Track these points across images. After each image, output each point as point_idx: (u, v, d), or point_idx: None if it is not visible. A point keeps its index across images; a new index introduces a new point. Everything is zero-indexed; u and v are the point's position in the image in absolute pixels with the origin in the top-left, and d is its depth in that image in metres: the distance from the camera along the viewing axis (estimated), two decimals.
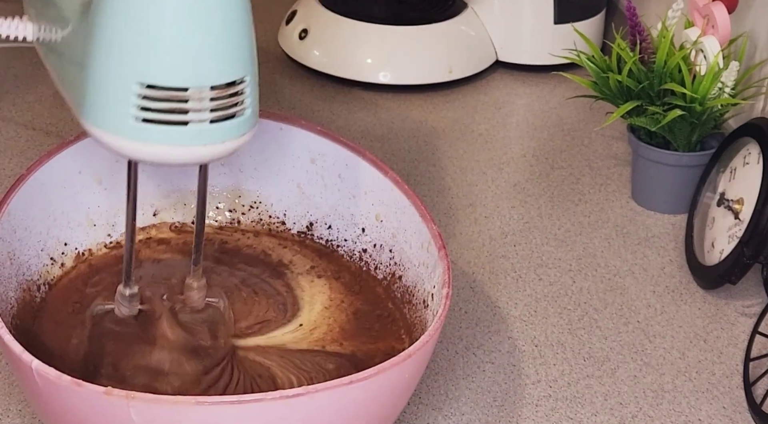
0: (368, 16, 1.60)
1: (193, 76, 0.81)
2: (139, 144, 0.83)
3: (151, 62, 0.80)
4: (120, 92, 0.81)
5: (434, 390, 1.04)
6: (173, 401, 0.80)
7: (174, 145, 0.83)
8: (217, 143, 0.84)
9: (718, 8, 1.23)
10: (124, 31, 0.81)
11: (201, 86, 0.81)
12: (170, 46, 0.80)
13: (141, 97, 0.81)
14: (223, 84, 0.82)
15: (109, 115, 0.83)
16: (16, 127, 1.46)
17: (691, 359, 1.09)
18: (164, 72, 0.81)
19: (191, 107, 0.81)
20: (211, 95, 0.82)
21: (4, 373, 1.04)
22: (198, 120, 0.82)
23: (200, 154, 0.84)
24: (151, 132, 0.82)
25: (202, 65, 0.81)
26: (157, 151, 0.83)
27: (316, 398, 0.81)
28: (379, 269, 1.08)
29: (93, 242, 1.10)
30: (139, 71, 0.81)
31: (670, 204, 1.31)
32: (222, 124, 0.83)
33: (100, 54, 0.82)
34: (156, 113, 0.81)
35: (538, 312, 1.15)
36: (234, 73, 0.83)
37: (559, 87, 1.59)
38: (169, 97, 0.81)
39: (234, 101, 0.83)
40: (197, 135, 0.83)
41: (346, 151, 1.09)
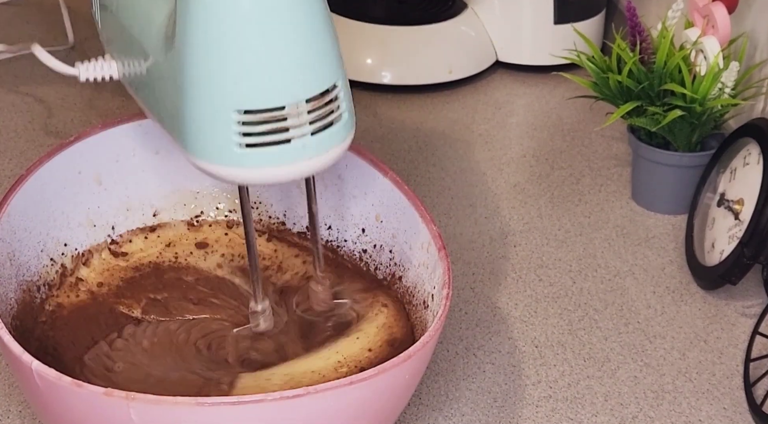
0: (368, 16, 1.60)
1: (288, 93, 0.82)
2: (247, 170, 0.83)
3: (244, 88, 0.81)
4: (219, 122, 0.82)
5: (434, 391, 1.04)
6: (173, 401, 0.80)
7: (281, 164, 0.84)
8: (321, 154, 0.85)
9: (718, 8, 1.22)
10: (211, 62, 0.81)
11: (297, 101, 0.82)
12: (259, 68, 0.81)
13: (241, 124, 0.82)
14: (318, 94, 0.83)
15: (212, 146, 0.83)
16: (16, 127, 1.45)
17: (691, 360, 1.09)
18: (258, 95, 0.82)
19: (291, 124, 0.82)
20: (308, 108, 0.83)
21: (4, 374, 1.04)
22: (300, 135, 0.83)
23: (307, 167, 0.85)
24: (257, 156, 0.83)
25: (293, 80, 0.82)
26: (264, 173, 0.84)
27: (316, 398, 0.81)
28: (379, 270, 1.08)
29: (93, 243, 1.10)
30: (233, 99, 0.81)
31: (670, 204, 1.31)
32: (323, 133, 0.84)
33: (192, 88, 0.83)
34: (258, 137, 0.82)
35: (538, 313, 1.15)
36: (326, 81, 0.84)
37: (559, 87, 1.59)
38: (268, 119, 0.82)
39: (330, 109, 0.84)
40: (301, 150, 0.84)
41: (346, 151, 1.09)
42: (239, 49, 0.81)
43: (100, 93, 1.54)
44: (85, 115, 1.49)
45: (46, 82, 1.56)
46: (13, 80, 1.57)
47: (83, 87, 1.55)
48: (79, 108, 1.51)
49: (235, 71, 0.81)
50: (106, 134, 1.10)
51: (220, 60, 0.81)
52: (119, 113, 1.48)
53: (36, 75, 1.58)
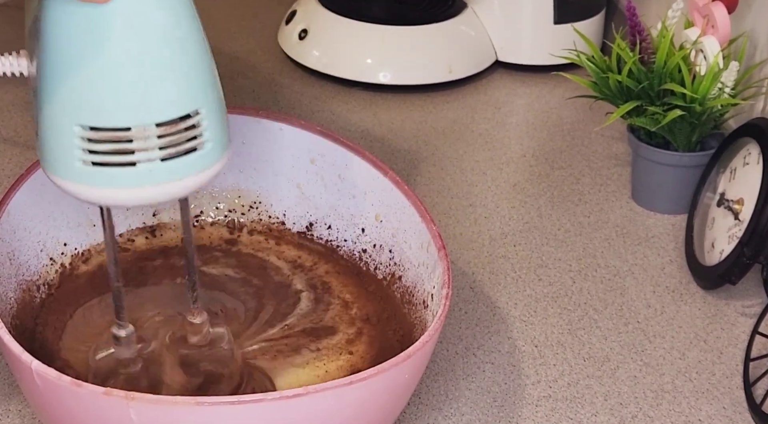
0: (368, 16, 1.60)
1: (135, 115, 0.77)
2: (92, 189, 0.79)
3: (90, 104, 0.77)
4: (64, 136, 0.78)
5: (434, 390, 1.04)
6: (173, 401, 0.80)
7: (124, 187, 0.79)
8: (173, 181, 0.80)
9: (718, 8, 1.22)
10: (59, 73, 0.77)
11: (144, 124, 0.77)
12: (106, 85, 0.76)
13: (86, 140, 0.77)
14: (171, 120, 0.78)
15: (59, 160, 0.79)
16: (16, 127, 1.45)
17: (691, 360, 1.09)
18: (104, 113, 0.77)
19: (137, 147, 0.77)
20: (158, 133, 0.77)
21: (4, 373, 1.04)
22: (146, 159, 0.78)
23: (155, 194, 0.80)
24: (102, 175, 0.78)
25: (143, 102, 0.77)
26: (109, 194, 0.79)
27: (316, 398, 0.81)
28: (378, 269, 1.08)
29: (92, 243, 1.10)
30: (79, 114, 0.77)
31: (670, 204, 1.31)
32: (176, 161, 0.79)
33: (42, 98, 0.79)
34: (103, 156, 0.78)
35: (537, 312, 1.15)
36: (183, 107, 0.78)
37: (559, 87, 1.59)
38: (112, 138, 0.77)
39: (188, 136, 0.79)
40: (148, 175, 0.78)
41: (346, 151, 1.09)
42: (88, 62, 0.76)
43: None
44: None
45: None
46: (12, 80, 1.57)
47: None
48: None
49: (82, 86, 0.76)
50: None
51: (68, 71, 0.77)
52: None
53: None
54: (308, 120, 1.31)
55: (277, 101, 1.55)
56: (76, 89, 0.77)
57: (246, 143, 1.13)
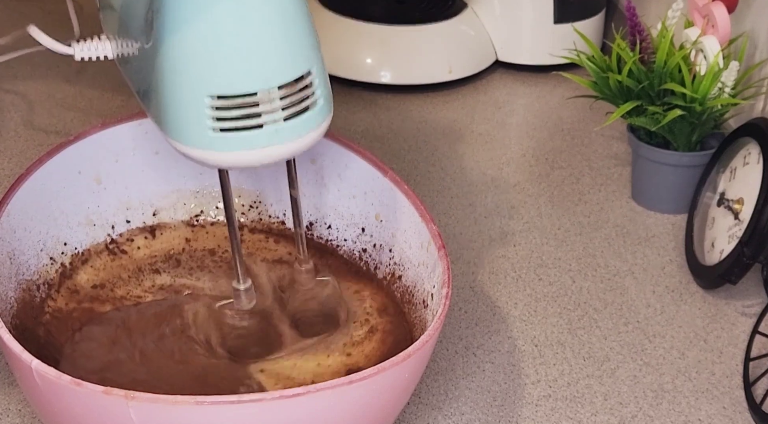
0: (368, 16, 1.60)
1: (259, 80, 0.83)
2: (220, 153, 0.84)
3: (217, 73, 0.82)
4: (193, 107, 0.83)
5: (434, 390, 1.04)
6: (172, 400, 0.80)
7: (253, 149, 0.84)
8: (295, 139, 0.85)
9: (718, 8, 1.22)
10: (185, 48, 0.82)
11: (269, 88, 0.83)
12: (231, 54, 0.82)
13: (214, 109, 0.83)
14: (290, 81, 0.84)
15: (188, 130, 0.84)
16: (16, 127, 1.46)
17: (691, 359, 1.09)
18: (231, 81, 0.82)
19: (263, 110, 0.83)
20: (281, 94, 0.83)
21: (4, 373, 1.04)
22: (272, 121, 0.84)
23: (280, 152, 0.85)
24: (230, 140, 0.84)
25: (265, 67, 0.83)
26: (238, 157, 0.85)
27: (316, 397, 0.81)
28: (378, 269, 1.08)
29: (92, 242, 1.10)
30: (207, 84, 0.82)
31: (670, 204, 1.31)
32: (297, 119, 0.85)
33: (167, 73, 0.84)
34: (231, 121, 0.83)
35: (537, 312, 1.15)
36: (299, 68, 0.84)
37: (559, 87, 1.59)
38: (240, 105, 0.83)
39: (304, 95, 0.85)
40: (274, 135, 0.84)
41: (346, 151, 1.09)
42: (211, 35, 0.82)
43: (100, 93, 1.55)
44: (85, 115, 1.49)
45: (46, 82, 1.56)
46: (13, 80, 1.57)
47: (84, 87, 1.55)
48: (79, 108, 1.51)
49: (207, 57, 0.82)
50: (106, 134, 1.10)
51: (194, 46, 0.82)
52: (119, 113, 1.48)
53: (36, 75, 1.58)
54: None
55: None
56: (203, 62, 0.82)
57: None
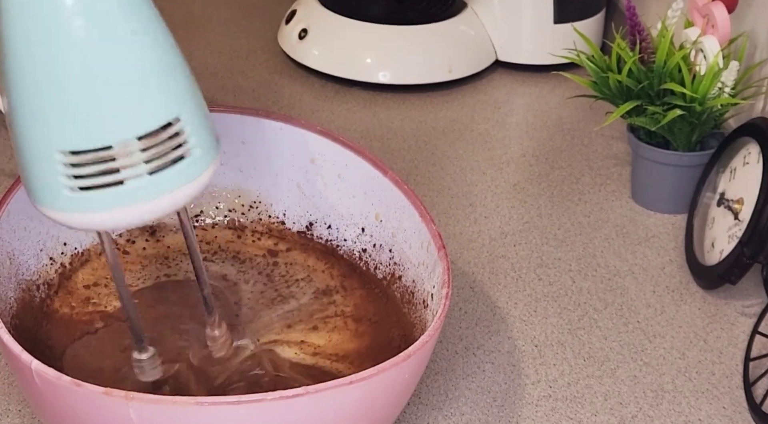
0: (368, 16, 1.60)
1: (114, 131, 0.74)
2: (81, 215, 0.76)
3: (67, 127, 0.73)
4: (46, 165, 0.75)
5: (434, 390, 1.04)
6: (172, 401, 0.80)
7: (116, 207, 0.76)
8: (165, 194, 0.77)
9: (718, 8, 1.22)
10: (30, 101, 0.74)
11: (125, 140, 0.74)
12: (79, 106, 0.73)
13: (68, 166, 0.74)
14: (153, 131, 0.75)
15: (45, 190, 0.76)
16: None
17: (691, 359, 1.09)
18: (82, 135, 0.74)
19: (121, 164, 0.74)
20: (141, 146, 0.74)
21: (4, 373, 1.04)
22: (134, 176, 0.75)
23: (149, 209, 0.77)
24: (90, 199, 0.75)
25: (120, 117, 0.74)
26: (101, 218, 0.76)
27: (316, 398, 0.81)
28: (378, 269, 1.08)
29: (92, 242, 1.10)
30: (57, 139, 0.74)
31: (670, 204, 1.31)
32: (165, 172, 0.76)
33: (18, 130, 0.76)
34: (88, 179, 0.74)
35: (537, 312, 1.15)
36: (162, 116, 0.75)
37: (559, 87, 1.59)
38: (95, 159, 0.74)
39: (173, 144, 0.76)
40: (138, 191, 0.75)
41: (345, 151, 1.09)
42: (60, 85, 0.72)
43: None
44: None
45: None
46: None
47: None
48: None
49: (54, 110, 0.73)
50: None
51: (39, 97, 0.73)
52: None
53: None
54: (308, 120, 1.31)
55: (277, 101, 1.55)
56: (49, 115, 0.73)
57: (246, 143, 1.13)
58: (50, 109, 0.73)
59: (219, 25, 1.77)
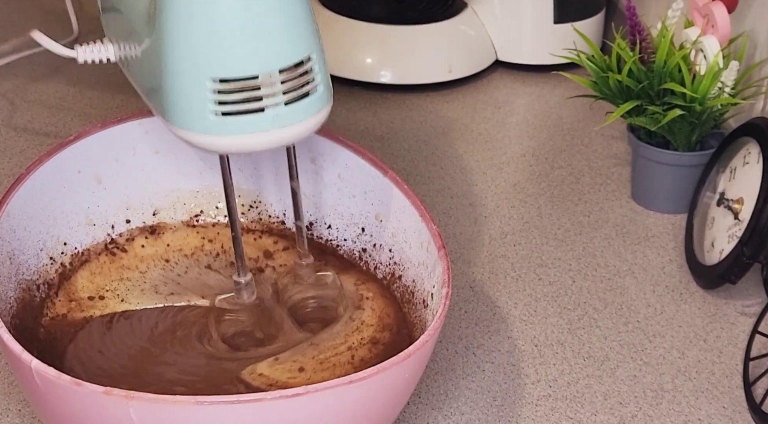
0: (368, 16, 1.60)
1: (261, 63, 0.84)
2: (222, 137, 0.86)
3: (218, 57, 0.83)
4: (195, 91, 0.84)
5: (434, 390, 1.04)
6: (172, 400, 0.80)
7: (255, 133, 0.86)
8: (295, 123, 0.87)
9: (718, 8, 1.22)
10: (187, 34, 0.83)
11: (270, 71, 0.84)
12: (232, 38, 0.83)
13: (216, 93, 0.84)
14: (291, 65, 0.85)
15: (190, 115, 0.85)
16: (16, 127, 1.46)
17: (690, 359, 1.09)
18: (232, 64, 0.83)
19: (264, 93, 0.84)
20: (282, 78, 0.84)
21: (4, 373, 1.04)
22: (273, 104, 0.85)
23: (280, 137, 0.87)
24: (232, 124, 0.85)
25: (267, 51, 0.84)
26: (239, 141, 0.86)
27: (316, 397, 0.81)
28: (378, 269, 1.08)
29: (92, 242, 1.10)
30: (208, 68, 0.83)
31: (670, 204, 1.31)
32: (297, 104, 0.86)
33: (170, 59, 0.85)
34: (233, 105, 0.84)
35: (537, 312, 1.15)
36: (300, 53, 0.85)
37: (559, 87, 1.59)
38: (242, 88, 0.84)
39: (305, 80, 0.86)
40: (275, 119, 0.85)
41: (346, 151, 1.09)
42: (213, 19, 0.82)
43: (100, 93, 1.55)
44: (85, 114, 1.49)
45: (46, 82, 1.56)
46: (13, 80, 1.57)
47: (83, 86, 1.55)
48: (79, 107, 1.51)
49: (209, 41, 0.83)
50: (105, 133, 1.10)
51: (195, 30, 0.83)
52: (119, 112, 1.48)
53: (36, 74, 1.58)
54: None
55: None
56: (205, 46, 0.83)
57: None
58: (206, 41, 0.83)
59: None
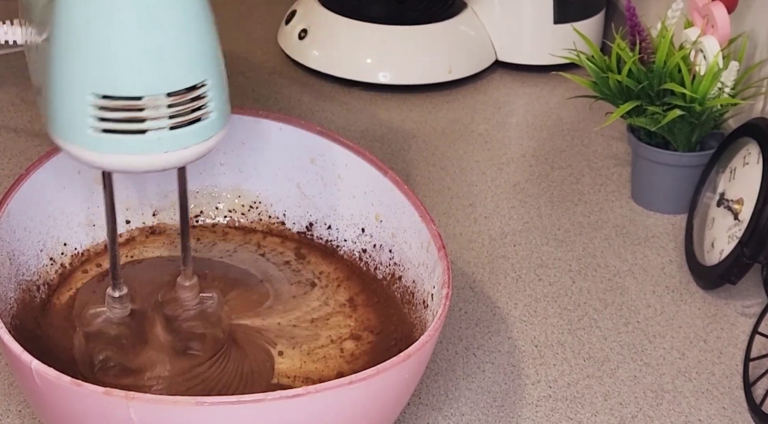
0: (368, 16, 1.60)
1: (147, 84, 0.80)
2: (101, 154, 0.83)
3: (105, 72, 0.80)
4: (77, 103, 0.81)
5: (434, 390, 1.04)
6: (173, 401, 0.80)
7: (134, 153, 0.82)
8: (179, 149, 0.83)
9: (718, 8, 1.22)
10: (76, 43, 0.80)
11: (156, 94, 0.80)
12: (121, 55, 0.79)
13: (97, 108, 0.80)
14: (181, 90, 0.81)
15: (69, 126, 0.82)
16: (16, 127, 1.45)
17: (691, 360, 1.09)
18: (117, 82, 0.80)
19: (148, 115, 0.81)
20: (168, 102, 0.81)
21: (4, 373, 1.04)
22: (156, 127, 0.81)
23: (162, 161, 0.83)
24: (111, 142, 0.82)
25: (155, 72, 0.80)
26: (117, 160, 0.83)
27: (316, 398, 0.81)
28: (378, 270, 1.08)
29: (92, 242, 1.10)
30: (93, 82, 0.80)
31: (670, 204, 1.31)
32: (184, 130, 0.82)
33: (56, 65, 0.82)
34: (113, 123, 0.81)
35: (537, 312, 1.15)
36: (192, 77, 0.82)
37: (559, 87, 1.59)
38: (124, 107, 0.80)
39: (195, 106, 0.82)
40: (156, 143, 0.82)
41: (345, 151, 1.09)
42: (103, 33, 0.79)
43: None
44: None
45: None
46: (12, 79, 1.57)
47: None
48: None
49: (97, 55, 0.80)
50: None
51: (84, 42, 0.80)
52: None
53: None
54: (308, 120, 1.31)
55: (277, 101, 1.55)
56: (91, 59, 0.80)
57: (246, 143, 1.13)
58: (93, 53, 0.79)
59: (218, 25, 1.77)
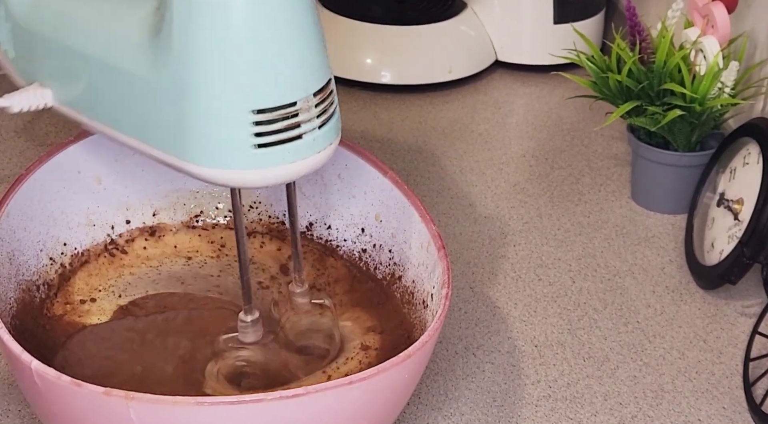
0: (368, 16, 1.60)
1: (298, 89, 0.83)
2: (260, 171, 0.84)
3: (258, 87, 0.82)
4: (233, 125, 0.82)
5: (434, 390, 1.04)
6: (172, 401, 0.80)
7: (294, 161, 0.84)
8: (326, 146, 0.86)
9: (718, 8, 1.22)
10: (222, 66, 0.81)
11: (307, 96, 0.84)
12: (270, 67, 0.82)
13: (254, 124, 0.82)
14: (323, 86, 0.85)
15: (226, 152, 0.83)
16: (16, 127, 1.46)
17: (690, 359, 1.09)
18: (272, 93, 0.82)
19: (302, 119, 0.84)
20: (316, 101, 0.84)
21: (4, 373, 1.04)
22: (310, 129, 0.84)
23: (315, 162, 0.86)
24: (270, 155, 0.83)
25: (302, 76, 0.84)
26: (277, 172, 0.84)
27: (316, 398, 0.81)
28: (378, 269, 1.08)
29: (92, 242, 1.10)
30: (247, 99, 0.82)
31: (670, 204, 1.31)
32: (327, 126, 0.86)
33: (201, 93, 0.82)
34: (270, 136, 0.83)
35: (537, 312, 1.15)
36: (326, 74, 0.86)
37: (559, 87, 1.59)
38: (281, 116, 0.83)
39: (331, 100, 0.87)
40: (311, 144, 0.85)
41: (345, 151, 1.09)
42: (250, 50, 0.81)
43: None
44: None
45: None
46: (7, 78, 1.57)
47: None
48: None
49: (247, 72, 0.82)
50: None
51: (232, 63, 0.81)
52: None
53: None
54: None
55: None
56: (244, 78, 0.82)
57: None
58: (244, 73, 0.82)
59: None
